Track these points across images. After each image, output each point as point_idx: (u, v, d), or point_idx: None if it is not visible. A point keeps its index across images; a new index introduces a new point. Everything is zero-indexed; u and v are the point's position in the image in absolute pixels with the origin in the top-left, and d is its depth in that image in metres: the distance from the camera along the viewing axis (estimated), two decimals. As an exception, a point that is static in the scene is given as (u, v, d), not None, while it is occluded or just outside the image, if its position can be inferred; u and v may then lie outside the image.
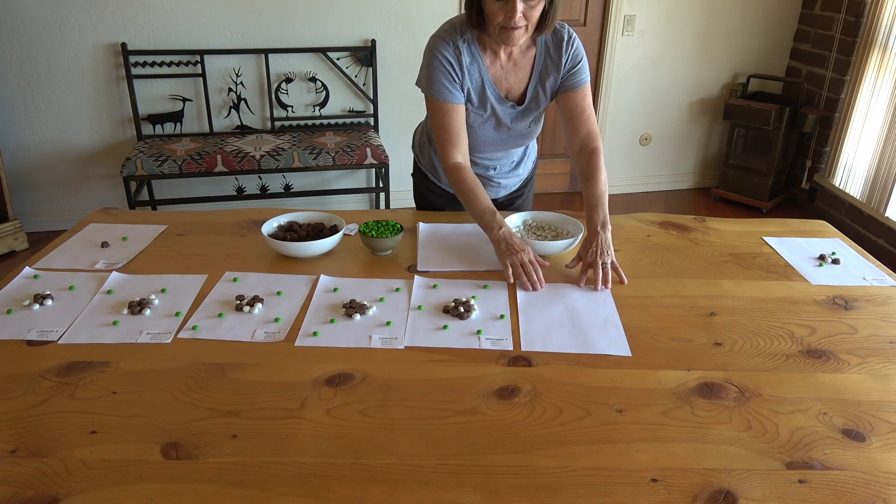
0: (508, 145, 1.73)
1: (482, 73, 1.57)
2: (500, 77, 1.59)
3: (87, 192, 3.60)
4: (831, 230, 1.82)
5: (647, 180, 4.35)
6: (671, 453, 0.99)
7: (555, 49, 1.58)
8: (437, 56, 1.53)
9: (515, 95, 1.63)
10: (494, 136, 1.68)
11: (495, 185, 1.84)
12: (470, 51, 1.54)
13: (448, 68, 1.53)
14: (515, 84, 1.61)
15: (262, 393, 1.11)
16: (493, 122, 1.65)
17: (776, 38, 4.09)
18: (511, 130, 1.68)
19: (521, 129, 1.69)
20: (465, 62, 1.54)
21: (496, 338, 1.27)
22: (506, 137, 1.70)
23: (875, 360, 1.23)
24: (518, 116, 1.65)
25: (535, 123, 1.70)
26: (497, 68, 1.59)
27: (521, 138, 1.73)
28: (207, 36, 3.41)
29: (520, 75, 1.60)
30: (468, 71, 1.55)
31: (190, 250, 1.61)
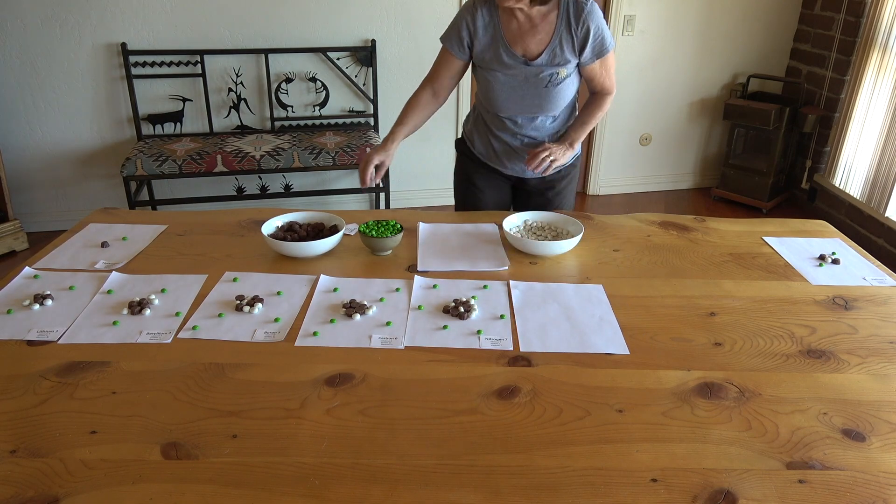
0: (528, 106, 1.79)
1: (497, 31, 1.72)
2: (515, 36, 1.71)
3: (87, 192, 3.60)
4: (831, 230, 1.82)
5: (647, 180, 4.35)
6: (671, 453, 0.99)
7: (575, 17, 1.68)
8: (461, 16, 1.76)
9: (533, 55, 1.72)
10: (510, 93, 1.77)
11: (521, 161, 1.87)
12: (489, 12, 1.72)
13: (465, 25, 1.74)
14: (533, 45, 1.71)
15: (262, 393, 1.11)
16: (507, 78, 1.75)
17: (776, 38, 4.09)
18: (527, 87, 1.75)
19: (536, 91, 1.75)
20: (480, 22, 1.72)
21: (496, 338, 1.27)
22: (521, 96, 1.77)
23: (875, 360, 1.23)
24: (530, 72, 1.73)
25: (553, 86, 1.75)
26: (514, 28, 1.70)
27: (538, 102, 1.77)
28: (207, 36, 3.41)
29: (538, 37, 1.70)
30: (483, 29, 1.72)
31: (190, 250, 1.61)
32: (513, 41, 1.71)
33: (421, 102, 1.85)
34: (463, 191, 2.01)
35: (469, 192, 1.99)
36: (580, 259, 1.59)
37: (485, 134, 1.91)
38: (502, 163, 1.91)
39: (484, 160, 1.94)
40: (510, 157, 1.89)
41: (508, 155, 1.88)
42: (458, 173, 2.05)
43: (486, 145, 1.92)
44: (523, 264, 1.56)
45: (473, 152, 1.96)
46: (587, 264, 1.57)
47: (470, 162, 1.99)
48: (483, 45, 1.74)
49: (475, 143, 1.95)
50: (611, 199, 4.24)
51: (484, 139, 1.92)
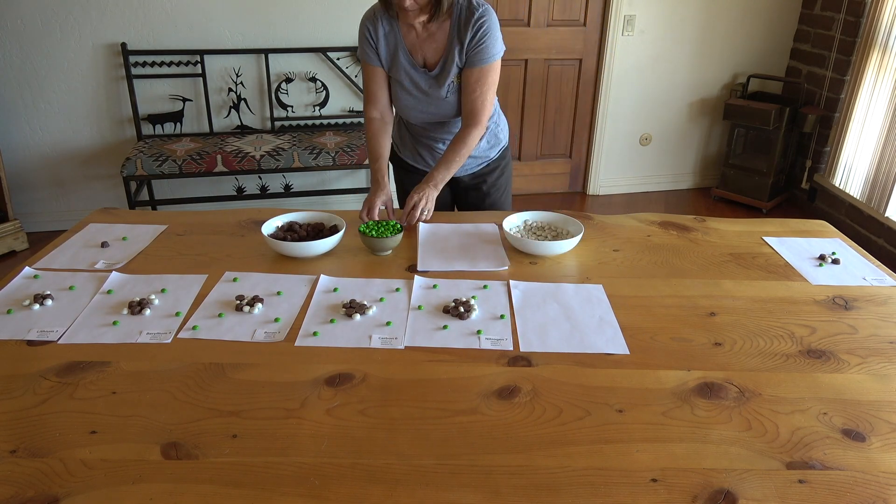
0: (433, 115, 1.81)
1: (398, 42, 1.72)
2: (415, 45, 1.72)
3: (87, 192, 3.60)
4: (831, 230, 1.82)
5: (647, 180, 4.35)
6: (671, 453, 0.99)
7: (464, 23, 1.67)
8: (362, 27, 1.75)
9: (431, 64, 1.74)
10: (415, 102, 1.79)
11: None
12: (389, 21, 1.72)
13: (367, 36, 1.74)
14: (431, 53, 1.72)
15: (262, 393, 1.11)
16: (411, 87, 1.77)
17: (776, 38, 4.09)
18: (430, 97, 1.77)
19: (440, 96, 1.76)
20: (381, 32, 1.72)
21: (496, 338, 1.27)
22: (426, 105, 1.79)
23: (875, 360, 1.23)
24: (432, 83, 1.74)
25: (451, 94, 1.76)
26: (413, 37, 1.72)
27: (445, 107, 1.79)
28: (207, 36, 3.41)
29: (435, 45, 1.71)
30: (385, 39, 1.73)
31: (190, 250, 1.61)
32: (413, 50, 1.73)
33: (376, 129, 1.83)
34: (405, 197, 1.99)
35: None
36: (580, 259, 1.59)
37: (409, 141, 1.95)
38: (429, 165, 1.94)
39: (412, 164, 1.98)
40: (436, 158, 1.91)
41: (434, 157, 1.92)
42: (398, 181, 2.08)
43: (413, 151, 1.95)
44: (523, 264, 1.56)
45: (403, 158, 2.00)
46: (587, 264, 1.57)
47: (403, 171, 2.02)
48: (386, 54, 1.75)
49: (403, 151, 1.99)
50: (611, 199, 4.24)
51: (409, 146, 1.96)
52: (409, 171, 2.00)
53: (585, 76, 4.02)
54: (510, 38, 3.83)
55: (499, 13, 3.77)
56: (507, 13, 3.79)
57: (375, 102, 1.83)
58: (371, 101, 1.84)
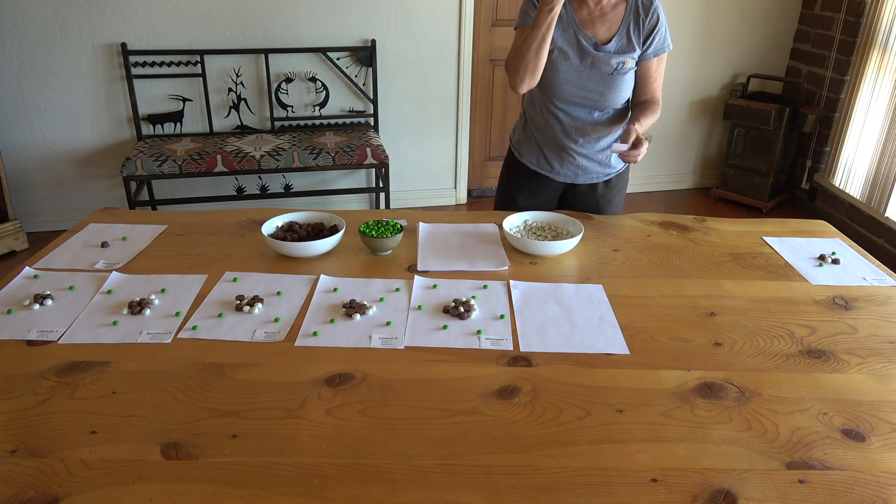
0: (589, 92, 1.75)
1: (569, 13, 1.72)
2: (586, 21, 1.72)
3: (87, 192, 3.60)
4: (831, 230, 1.82)
5: (647, 180, 4.35)
6: (671, 453, 0.99)
7: (644, 10, 1.71)
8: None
9: (602, 40, 1.73)
10: (574, 75, 1.74)
11: (574, 165, 1.86)
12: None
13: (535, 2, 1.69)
14: (602, 31, 1.72)
15: (262, 393, 1.11)
16: (575, 57, 1.72)
17: (776, 38, 4.09)
18: (593, 71, 1.73)
19: (605, 72, 1.72)
20: None
21: (496, 338, 1.27)
22: (586, 80, 1.74)
23: (875, 360, 1.23)
24: (601, 57, 1.71)
25: (619, 75, 1.73)
26: (584, 13, 1.72)
27: (602, 90, 1.74)
28: (207, 36, 3.41)
29: (608, 25, 1.72)
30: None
31: (190, 250, 1.61)
32: (584, 24, 1.72)
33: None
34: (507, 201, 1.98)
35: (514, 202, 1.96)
36: (580, 259, 1.59)
37: (535, 142, 1.88)
38: (553, 168, 1.88)
39: (533, 168, 1.91)
40: (563, 160, 1.86)
41: (561, 158, 1.86)
42: (506, 185, 2.00)
43: (537, 153, 1.89)
44: (523, 264, 1.56)
45: (522, 162, 1.93)
46: (587, 264, 1.57)
47: (517, 172, 1.95)
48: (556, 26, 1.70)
49: (523, 153, 1.93)
50: (611, 199, 4.23)
51: (534, 147, 1.89)
52: (526, 175, 1.93)
53: (585, 76, 4.02)
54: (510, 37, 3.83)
55: (499, 13, 3.78)
56: (507, 13, 3.79)
57: None
58: None
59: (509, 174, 1.99)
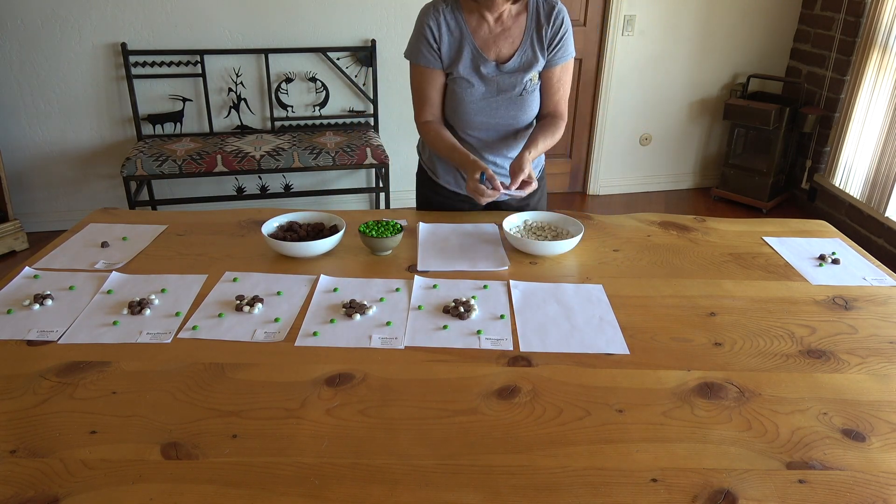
0: (500, 118, 1.70)
1: (464, 37, 1.63)
2: (487, 40, 1.64)
3: (87, 192, 3.60)
4: (831, 230, 1.82)
5: (647, 180, 4.35)
6: (671, 453, 0.99)
7: (545, 17, 1.63)
8: (421, 23, 1.64)
9: (505, 58, 1.65)
10: (482, 104, 1.68)
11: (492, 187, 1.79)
12: (454, 16, 1.62)
13: (428, 35, 1.62)
14: (506, 48, 1.64)
15: (262, 393, 1.11)
16: (480, 85, 1.66)
17: (776, 38, 4.09)
18: (501, 95, 1.67)
19: (513, 94, 1.67)
20: (444, 27, 1.62)
21: (496, 338, 1.27)
22: (495, 106, 1.68)
23: (875, 360, 1.23)
24: (506, 79, 1.65)
25: (527, 93, 1.68)
26: (484, 31, 1.63)
27: (512, 110, 1.69)
28: (207, 36, 3.41)
29: (511, 39, 1.64)
30: (449, 35, 1.62)
31: (190, 250, 1.61)
32: (484, 46, 1.63)
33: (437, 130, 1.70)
34: None
35: None
36: (580, 259, 1.59)
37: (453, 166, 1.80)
38: None
39: (452, 189, 1.84)
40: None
41: None
42: (426, 205, 1.91)
43: (452, 172, 1.82)
44: (523, 264, 1.56)
45: (438, 182, 1.85)
46: (587, 264, 1.57)
47: (436, 193, 1.87)
48: (450, 53, 1.63)
49: (438, 173, 1.84)
50: (611, 199, 4.24)
51: (448, 166, 1.81)
52: (447, 196, 1.85)
53: (585, 76, 4.03)
54: (510, 38, 3.83)
55: (499, 13, 3.78)
56: (507, 13, 3.79)
57: (429, 106, 1.71)
58: (424, 105, 1.71)
59: (430, 198, 1.90)
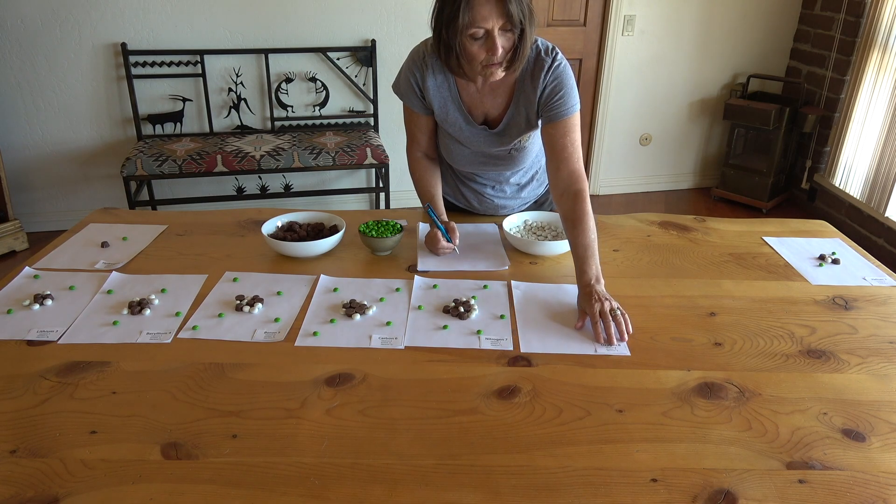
0: (490, 168, 1.67)
1: (452, 97, 1.55)
2: (474, 101, 1.55)
3: (87, 192, 3.60)
4: (831, 230, 1.82)
5: (647, 180, 4.35)
6: (671, 453, 0.99)
7: (535, 75, 1.48)
8: (408, 72, 1.56)
9: (494, 120, 1.56)
10: (471, 157, 1.65)
11: (494, 207, 1.80)
12: (443, 73, 1.53)
13: (413, 85, 1.56)
14: (493, 109, 1.55)
15: (262, 393, 1.11)
16: (466, 142, 1.61)
17: (776, 38, 4.09)
18: (488, 154, 1.62)
19: (500, 154, 1.62)
20: (431, 82, 1.53)
21: (496, 338, 1.27)
22: (484, 161, 1.64)
23: (875, 360, 1.23)
24: (492, 140, 1.58)
25: (517, 151, 1.61)
26: (471, 92, 1.54)
27: (504, 163, 1.65)
28: (207, 36, 3.41)
29: (498, 100, 1.53)
30: (436, 90, 1.54)
31: (190, 250, 1.61)
32: (471, 106, 1.55)
33: (424, 169, 1.67)
34: None
35: None
36: (580, 259, 1.59)
37: (452, 180, 1.78)
38: (472, 206, 1.81)
39: (451, 201, 1.84)
40: (482, 203, 1.78)
41: (480, 201, 1.78)
42: None
43: (455, 190, 1.81)
44: (523, 264, 1.56)
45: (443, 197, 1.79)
46: (587, 264, 1.57)
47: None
48: (437, 106, 1.56)
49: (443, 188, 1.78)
50: (611, 199, 4.24)
51: (452, 184, 1.80)
52: (449, 207, 1.81)
53: (585, 76, 4.03)
54: (510, 38, 3.83)
55: (499, 13, 3.77)
56: (507, 13, 3.79)
57: (417, 144, 1.67)
58: (412, 141, 1.67)
59: None
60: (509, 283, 1.46)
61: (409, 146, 1.70)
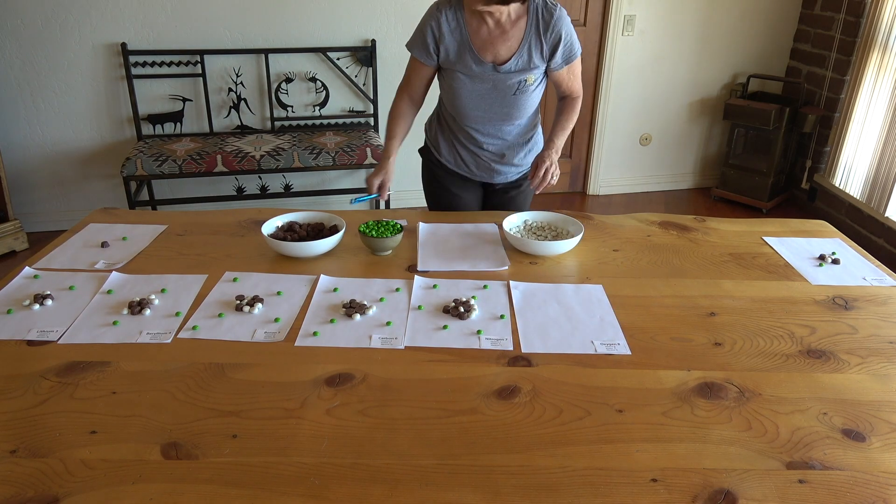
0: (494, 112, 1.78)
1: (464, 37, 1.69)
2: (485, 41, 1.69)
3: (87, 192, 3.60)
4: (831, 230, 1.82)
5: (647, 180, 4.35)
6: (671, 453, 0.99)
7: (545, 24, 1.69)
8: (426, 21, 1.72)
9: (502, 60, 1.71)
10: (477, 98, 1.76)
11: (489, 170, 1.91)
12: (455, 16, 1.69)
13: (431, 31, 1.71)
14: (504, 50, 1.70)
15: (262, 393, 1.11)
16: (475, 81, 1.73)
17: (776, 38, 4.09)
18: (495, 92, 1.74)
19: (507, 93, 1.74)
20: (446, 28, 1.69)
21: (496, 338, 1.27)
22: (489, 102, 1.76)
23: (875, 360, 1.23)
24: (500, 79, 1.72)
25: (521, 93, 1.75)
26: (483, 34, 1.69)
27: (507, 109, 1.77)
28: (207, 36, 3.41)
29: (508, 43, 1.69)
30: (451, 34, 1.69)
31: (190, 250, 1.61)
32: (481, 47, 1.70)
33: (402, 112, 1.85)
34: (438, 196, 1.99)
35: (444, 197, 1.98)
36: (580, 259, 1.59)
37: (451, 142, 1.91)
38: (470, 170, 1.92)
39: (452, 168, 1.94)
40: (479, 165, 1.90)
41: (477, 163, 1.90)
42: (430, 180, 2.02)
43: (454, 153, 1.91)
44: (523, 264, 1.56)
45: (441, 160, 1.94)
46: (587, 264, 1.57)
47: (438, 168, 1.97)
48: (450, 51, 1.72)
49: (441, 151, 1.94)
50: (611, 199, 4.24)
51: (450, 147, 1.91)
52: (449, 173, 1.95)
53: (585, 76, 4.02)
54: (510, 38, 3.83)
55: (499, 13, 3.78)
56: (507, 13, 3.79)
57: (411, 92, 1.84)
58: (406, 87, 1.84)
59: (433, 172, 1.99)
60: (509, 284, 1.46)
61: (401, 90, 1.86)
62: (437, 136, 1.95)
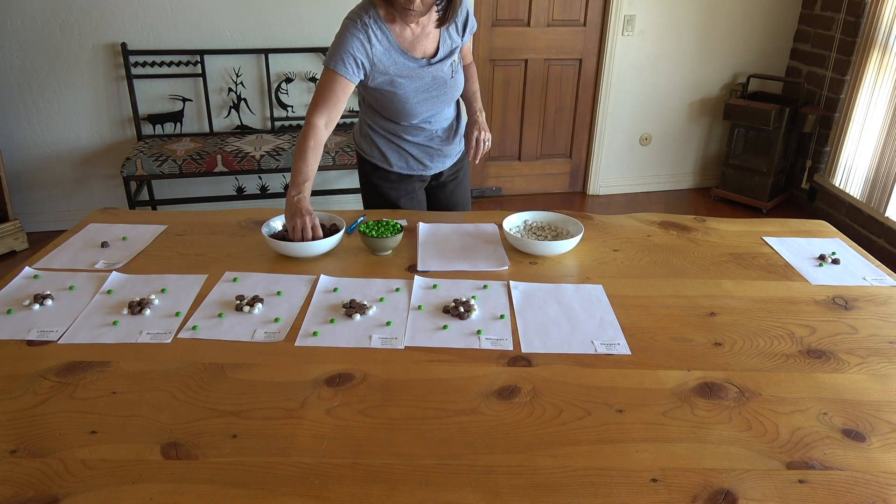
0: (440, 99, 1.83)
1: (392, 43, 1.70)
2: (412, 42, 1.74)
3: (87, 192, 3.60)
4: (831, 230, 1.82)
5: (647, 180, 4.35)
6: (671, 453, 0.99)
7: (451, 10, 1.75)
8: (349, 37, 1.66)
9: (431, 53, 1.78)
10: (423, 95, 1.79)
11: (441, 156, 1.94)
12: (379, 27, 1.68)
13: (357, 48, 1.66)
14: (429, 44, 1.77)
15: (262, 393, 1.11)
16: (416, 80, 1.76)
17: (776, 38, 4.09)
18: (435, 83, 1.80)
19: (445, 79, 1.81)
20: (374, 39, 1.67)
21: (496, 338, 1.27)
22: (432, 93, 1.80)
23: (875, 360, 1.23)
24: (436, 69, 1.79)
25: (455, 73, 1.85)
26: (408, 36, 1.73)
27: (445, 90, 1.83)
28: (207, 36, 3.41)
29: (431, 37, 1.77)
30: (379, 44, 1.68)
31: (190, 250, 1.61)
32: (411, 48, 1.73)
33: (319, 142, 1.66)
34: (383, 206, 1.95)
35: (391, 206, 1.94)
36: (580, 259, 1.59)
37: (396, 146, 1.87)
38: (424, 165, 1.92)
39: (404, 172, 1.91)
40: (431, 156, 1.92)
41: (430, 155, 1.92)
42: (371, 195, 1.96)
43: (402, 155, 1.89)
44: (523, 264, 1.56)
45: (389, 169, 1.90)
46: (587, 264, 1.57)
47: (383, 181, 1.92)
48: (384, 60, 1.68)
49: (390, 159, 1.88)
50: (611, 199, 4.24)
51: (397, 151, 1.88)
52: (399, 180, 1.92)
53: (585, 76, 4.02)
54: (510, 37, 3.83)
55: (499, 13, 3.78)
56: (507, 13, 3.79)
57: (329, 110, 1.66)
58: (324, 107, 1.66)
59: (377, 184, 1.93)
60: (509, 284, 1.46)
61: (314, 112, 1.66)
62: (374, 146, 1.89)
